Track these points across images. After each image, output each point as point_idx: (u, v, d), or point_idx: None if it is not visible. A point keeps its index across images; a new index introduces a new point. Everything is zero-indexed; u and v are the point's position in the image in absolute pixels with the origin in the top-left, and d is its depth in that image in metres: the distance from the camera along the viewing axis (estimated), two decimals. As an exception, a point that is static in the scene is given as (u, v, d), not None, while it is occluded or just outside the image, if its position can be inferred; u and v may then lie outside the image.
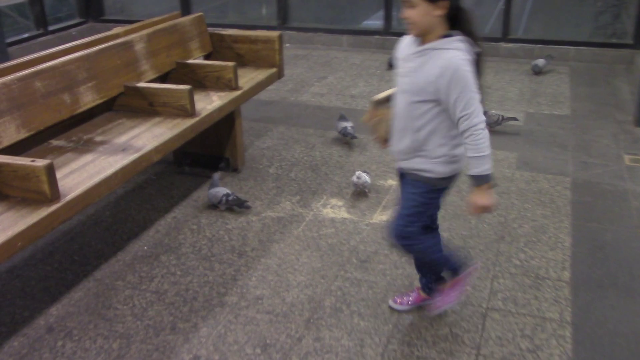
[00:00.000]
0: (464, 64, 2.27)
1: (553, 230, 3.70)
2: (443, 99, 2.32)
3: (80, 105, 3.54)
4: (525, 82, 6.47)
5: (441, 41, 2.31)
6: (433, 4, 2.25)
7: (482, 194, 2.45)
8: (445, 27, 2.32)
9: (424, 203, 2.60)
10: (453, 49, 2.29)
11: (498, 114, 5.21)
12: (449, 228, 3.72)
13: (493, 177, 2.45)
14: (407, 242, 2.68)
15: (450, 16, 2.30)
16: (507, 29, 7.23)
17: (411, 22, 2.32)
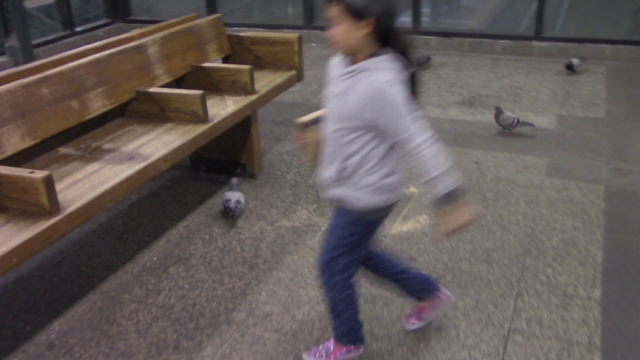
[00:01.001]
0: (390, 86, 2.08)
1: (583, 244, 3.48)
2: (376, 125, 2.14)
3: (89, 111, 3.45)
4: (559, 83, 6.20)
5: (368, 61, 2.13)
6: (357, 22, 2.06)
7: (455, 212, 2.23)
8: (375, 45, 2.13)
9: (352, 234, 2.38)
10: (380, 69, 2.10)
11: (514, 117, 4.99)
12: (472, 240, 3.53)
13: (461, 189, 2.23)
14: (326, 275, 2.48)
15: (380, 34, 2.11)
16: (540, 27, 6.95)
17: (336, 41, 2.14)
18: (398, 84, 2.11)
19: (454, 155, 4.61)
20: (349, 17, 2.05)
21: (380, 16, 2.05)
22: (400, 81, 2.13)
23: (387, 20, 2.09)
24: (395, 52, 2.14)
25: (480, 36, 7.20)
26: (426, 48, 7.37)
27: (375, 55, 2.12)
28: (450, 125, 5.23)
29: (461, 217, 2.24)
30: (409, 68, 2.17)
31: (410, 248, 3.48)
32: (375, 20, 2.05)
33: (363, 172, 2.24)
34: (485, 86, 6.16)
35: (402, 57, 2.15)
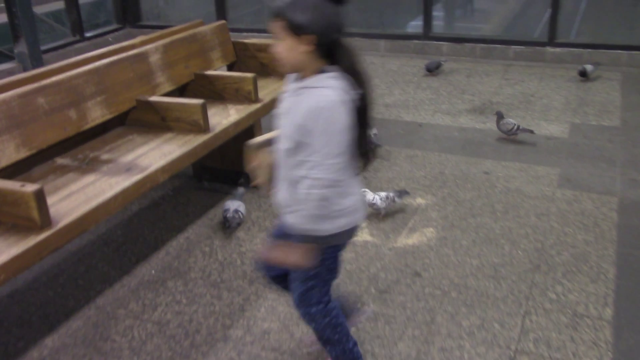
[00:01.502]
0: (331, 103, 1.96)
1: (595, 259, 3.36)
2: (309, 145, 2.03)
3: (87, 121, 3.39)
4: (572, 90, 6.06)
5: (313, 78, 2.02)
6: (299, 38, 1.96)
7: (293, 249, 2.12)
8: (321, 62, 2.02)
9: (316, 266, 2.24)
10: (324, 87, 1.99)
11: (514, 123, 4.89)
12: (479, 255, 3.42)
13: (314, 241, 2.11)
14: (302, 309, 2.38)
15: (325, 51, 2.00)
16: (553, 33, 6.81)
17: (279, 58, 2.05)
18: (341, 105, 1.98)
19: (463, 165, 4.50)
20: (290, 33, 1.96)
21: (322, 32, 1.95)
22: (346, 101, 2.00)
23: (331, 35, 1.98)
24: (343, 69, 2.03)
25: (492, 42, 7.08)
26: (437, 54, 7.26)
27: (321, 72, 2.02)
28: (460, 133, 5.12)
29: (293, 258, 2.14)
30: (357, 88, 2.04)
31: (415, 262, 3.38)
32: (318, 36, 1.95)
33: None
34: (496, 93, 6.04)
35: (350, 75, 2.03)
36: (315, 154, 1.98)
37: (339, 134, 1.98)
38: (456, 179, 4.31)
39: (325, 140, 1.97)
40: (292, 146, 2.05)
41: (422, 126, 5.31)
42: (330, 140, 1.97)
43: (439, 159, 4.64)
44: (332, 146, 1.97)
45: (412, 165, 4.55)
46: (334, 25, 1.98)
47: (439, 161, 4.61)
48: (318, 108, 1.96)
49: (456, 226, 3.73)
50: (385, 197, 3.80)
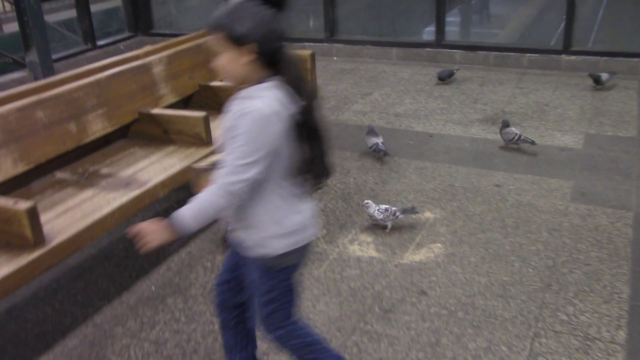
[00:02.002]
0: (259, 112, 1.87)
1: (609, 278, 3.24)
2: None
3: (88, 134, 3.34)
4: (588, 99, 5.93)
5: (251, 88, 1.95)
6: (239, 49, 1.89)
7: (161, 229, 1.97)
8: (263, 72, 1.94)
9: (273, 288, 2.16)
10: (259, 97, 1.91)
11: (515, 133, 4.80)
12: (488, 272, 3.32)
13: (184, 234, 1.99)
14: (270, 335, 2.27)
15: (267, 60, 1.93)
16: (569, 41, 6.68)
17: (222, 72, 1.97)
18: (271, 116, 1.89)
19: (474, 177, 4.39)
20: (230, 45, 1.90)
21: (263, 40, 1.89)
22: (280, 113, 1.91)
23: (273, 43, 1.91)
24: (285, 81, 1.95)
25: (506, 50, 6.96)
26: (450, 62, 7.16)
27: (260, 82, 1.95)
28: (471, 144, 5.01)
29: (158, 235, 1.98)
30: (298, 99, 1.95)
31: (421, 280, 3.28)
32: (259, 44, 1.89)
33: (262, 214, 2.03)
34: (510, 102, 5.92)
35: (291, 87, 1.95)
36: (228, 157, 1.91)
37: (257, 143, 1.89)
38: (466, 192, 4.21)
39: (239, 143, 1.89)
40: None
41: (432, 137, 5.21)
42: (245, 145, 1.88)
43: (449, 171, 4.54)
44: (243, 151, 1.89)
45: (422, 178, 4.45)
46: (274, 33, 1.92)
47: (449, 173, 4.51)
48: (243, 114, 1.89)
49: (465, 242, 3.62)
50: (385, 210, 3.72)
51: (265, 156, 1.91)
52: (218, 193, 1.92)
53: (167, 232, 1.97)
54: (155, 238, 1.98)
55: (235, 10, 1.90)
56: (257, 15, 1.89)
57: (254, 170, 1.91)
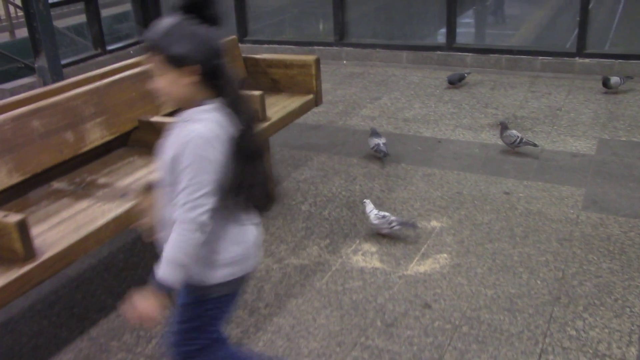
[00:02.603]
0: (201, 137, 1.80)
1: (620, 291, 3.12)
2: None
3: (86, 143, 3.29)
4: (602, 103, 5.79)
5: (191, 111, 1.87)
6: (180, 70, 1.82)
7: (149, 299, 1.88)
8: (205, 94, 1.87)
9: (198, 316, 2.06)
10: (199, 120, 1.84)
11: (517, 136, 4.72)
12: (495, 284, 3.22)
13: (171, 292, 1.90)
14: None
15: (209, 81, 1.86)
16: (582, 43, 6.54)
17: (162, 94, 1.89)
18: (217, 140, 1.83)
19: (482, 185, 4.29)
20: (170, 67, 1.82)
21: (204, 59, 1.82)
22: (222, 136, 1.84)
23: (213, 61, 1.84)
24: (225, 103, 1.88)
25: (518, 52, 6.83)
26: (461, 65, 7.05)
27: (202, 104, 1.87)
28: (481, 150, 4.90)
29: (151, 309, 1.88)
30: (238, 122, 1.88)
31: (425, 292, 3.19)
32: (200, 64, 1.82)
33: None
34: (521, 107, 5.80)
35: (232, 109, 1.88)
36: (181, 192, 1.83)
37: (207, 171, 1.82)
38: (474, 200, 4.11)
39: (190, 175, 1.81)
40: (168, 183, 1.90)
41: (441, 142, 5.11)
42: (196, 176, 1.81)
43: (457, 178, 4.44)
44: (197, 183, 1.81)
45: (429, 185, 4.35)
46: (214, 50, 1.84)
47: (457, 180, 4.41)
48: (185, 142, 1.81)
49: (472, 252, 3.52)
50: (382, 217, 3.65)
51: (216, 180, 1.84)
52: (189, 228, 1.83)
53: (158, 299, 1.89)
54: (152, 314, 1.89)
55: (172, 31, 1.81)
56: (196, 35, 1.81)
57: (212, 197, 1.85)
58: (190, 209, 1.83)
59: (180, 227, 1.84)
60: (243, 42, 8.14)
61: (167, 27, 1.82)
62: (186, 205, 1.83)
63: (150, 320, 1.90)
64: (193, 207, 1.82)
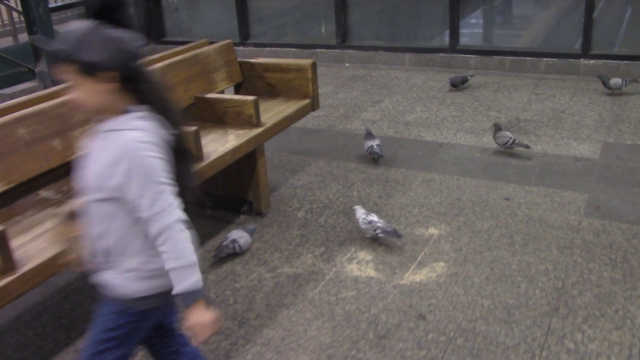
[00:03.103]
0: (144, 147, 1.76)
1: (622, 301, 3.02)
2: (125, 197, 1.79)
3: (74, 150, 3.21)
4: (607, 105, 5.68)
5: (117, 120, 1.80)
6: (95, 79, 1.74)
7: (198, 313, 1.85)
8: (126, 101, 1.81)
9: (119, 327, 1.97)
10: (130, 129, 1.77)
11: (509, 137, 4.68)
12: (492, 294, 3.13)
13: (204, 292, 1.87)
14: None
15: (129, 88, 1.79)
16: (588, 44, 6.43)
17: (79, 105, 1.81)
18: (154, 146, 1.78)
19: (483, 190, 4.20)
20: (85, 76, 1.75)
21: (120, 64, 1.75)
22: (159, 143, 1.80)
23: (129, 65, 1.77)
24: (152, 108, 1.82)
25: (522, 54, 6.73)
26: (465, 67, 6.95)
27: (126, 112, 1.80)
28: (482, 154, 4.81)
29: (206, 317, 1.87)
30: (170, 128, 1.83)
31: (420, 303, 3.10)
32: (117, 70, 1.74)
33: (123, 253, 1.88)
34: (525, 109, 5.70)
35: (160, 114, 1.82)
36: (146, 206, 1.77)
37: (162, 175, 1.78)
38: (474, 206, 4.02)
39: (150, 185, 1.76)
40: (98, 197, 1.83)
41: (442, 146, 5.02)
42: (156, 184, 1.77)
43: (457, 184, 4.35)
44: (158, 187, 1.77)
45: (428, 191, 4.27)
46: (130, 54, 1.77)
47: (457, 186, 4.32)
48: (130, 149, 1.75)
49: (469, 260, 3.44)
50: (368, 222, 3.61)
51: (168, 176, 1.80)
52: (177, 229, 1.80)
53: (204, 306, 1.87)
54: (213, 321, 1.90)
55: (84, 37, 1.73)
56: (109, 40, 1.74)
57: (173, 192, 1.81)
58: (166, 215, 1.79)
59: (168, 235, 1.80)
60: (245, 45, 8.10)
61: (78, 35, 1.74)
62: (159, 214, 1.78)
63: (215, 326, 1.90)
64: (167, 213, 1.79)
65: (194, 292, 1.84)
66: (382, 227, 3.58)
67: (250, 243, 3.65)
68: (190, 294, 1.84)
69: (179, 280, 1.82)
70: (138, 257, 1.88)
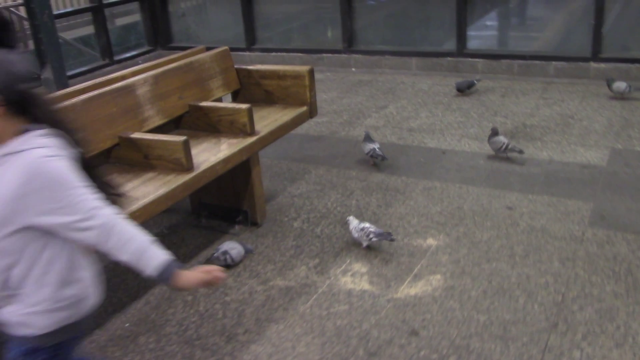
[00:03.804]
0: (52, 160, 1.70)
1: (624, 317, 2.90)
2: (39, 221, 1.71)
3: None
4: (617, 110, 5.53)
5: (17, 141, 1.72)
6: None
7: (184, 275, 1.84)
8: (20, 123, 1.73)
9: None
10: (34, 147, 1.71)
11: (504, 142, 4.59)
12: (489, 309, 3.02)
13: (179, 263, 1.84)
14: None
15: (19, 108, 1.72)
16: (597, 47, 6.28)
17: None
18: (62, 157, 1.73)
19: (485, 199, 4.09)
20: None
21: (6, 88, 1.68)
22: (66, 157, 1.75)
23: (17, 88, 1.70)
24: (50, 126, 1.77)
25: (531, 58, 6.59)
26: (472, 72, 6.83)
27: (26, 131, 1.74)
28: (486, 161, 4.69)
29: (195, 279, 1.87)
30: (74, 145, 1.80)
31: (414, 318, 3.00)
32: (3, 94, 1.67)
33: (30, 285, 1.77)
34: (532, 115, 5.58)
35: (60, 132, 1.78)
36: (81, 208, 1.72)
37: (76, 180, 1.74)
38: (475, 216, 3.91)
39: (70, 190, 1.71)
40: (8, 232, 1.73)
41: (445, 153, 4.91)
42: (74, 191, 1.72)
43: (459, 192, 4.24)
44: (82, 189, 1.73)
45: (428, 199, 4.16)
46: (16, 76, 1.71)
47: (459, 194, 4.21)
48: (40, 165, 1.69)
49: (467, 273, 3.33)
50: (361, 230, 3.55)
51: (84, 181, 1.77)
52: (117, 218, 1.79)
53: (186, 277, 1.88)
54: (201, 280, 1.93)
55: None
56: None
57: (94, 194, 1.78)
58: (98, 212, 1.75)
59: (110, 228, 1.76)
60: (251, 51, 8.04)
61: None
62: (91, 216, 1.74)
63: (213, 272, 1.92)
64: (98, 210, 1.76)
65: (168, 265, 1.81)
66: (375, 231, 3.51)
67: (243, 255, 3.57)
68: (165, 269, 1.80)
69: (145, 262, 1.78)
70: (49, 287, 1.79)
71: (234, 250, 3.51)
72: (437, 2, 7.15)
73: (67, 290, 1.81)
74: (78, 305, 1.85)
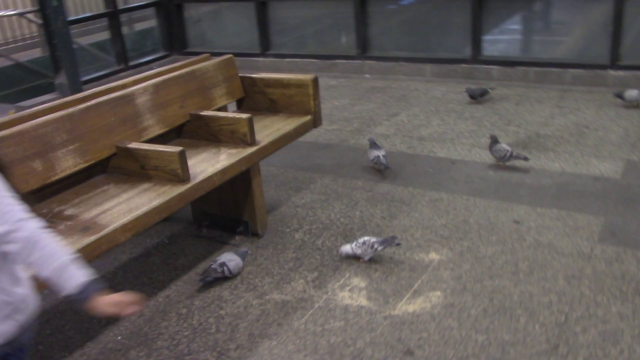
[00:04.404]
0: None
1: (628, 340, 2.79)
2: None
3: (56, 172, 3.14)
4: (634, 120, 5.38)
5: None
6: None
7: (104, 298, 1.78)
8: None
9: None
10: None
11: (507, 149, 4.50)
12: (488, 329, 2.92)
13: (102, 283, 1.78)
14: None
15: None
16: (616, 54, 6.12)
17: None
18: None
19: (492, 212, 3.98)
20: None
21: None
22: None
23: None
24: None
25: (547, 65, 6.45)
26: (487, 79, 6.72)
27: None
28: (496, 172, 4.58)
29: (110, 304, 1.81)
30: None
31: (410, 337, 2.92)
32: None
33: None
34: (546, 124, 5.45)
35: None
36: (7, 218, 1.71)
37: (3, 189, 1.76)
38: (480, 229, 3.81)
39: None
40: None
41: (454, 164, 4.81)
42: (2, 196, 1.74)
43: (465, 204, 4.14)
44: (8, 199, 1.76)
45: (434, 212, 4.07)
46: None
47: (466, 207, 4.11)
48: None
49: (468, 290, 3.24)
50: (362, 244, 3.47)
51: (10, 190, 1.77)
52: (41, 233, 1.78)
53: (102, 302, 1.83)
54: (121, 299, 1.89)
55: None
56: None
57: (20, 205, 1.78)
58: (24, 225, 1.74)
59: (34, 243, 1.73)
60: (265, 56, 8.01)
61: None
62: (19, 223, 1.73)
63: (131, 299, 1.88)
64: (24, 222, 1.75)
65: (88, 284, 1.76)
66: (378, 240, 3.46)
67: (241, 267, 3.52)
68: (85, 288, 1.76)
69: (64, 281, 1.74)
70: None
71: (231, 262, 3.46)
72: (452, 8, 7.04)
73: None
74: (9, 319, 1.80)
